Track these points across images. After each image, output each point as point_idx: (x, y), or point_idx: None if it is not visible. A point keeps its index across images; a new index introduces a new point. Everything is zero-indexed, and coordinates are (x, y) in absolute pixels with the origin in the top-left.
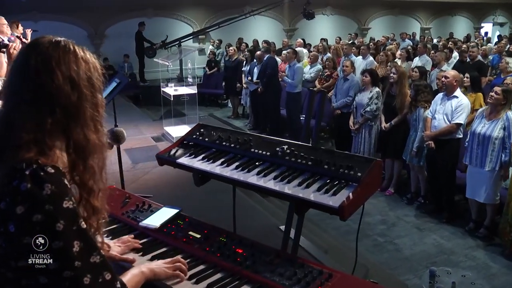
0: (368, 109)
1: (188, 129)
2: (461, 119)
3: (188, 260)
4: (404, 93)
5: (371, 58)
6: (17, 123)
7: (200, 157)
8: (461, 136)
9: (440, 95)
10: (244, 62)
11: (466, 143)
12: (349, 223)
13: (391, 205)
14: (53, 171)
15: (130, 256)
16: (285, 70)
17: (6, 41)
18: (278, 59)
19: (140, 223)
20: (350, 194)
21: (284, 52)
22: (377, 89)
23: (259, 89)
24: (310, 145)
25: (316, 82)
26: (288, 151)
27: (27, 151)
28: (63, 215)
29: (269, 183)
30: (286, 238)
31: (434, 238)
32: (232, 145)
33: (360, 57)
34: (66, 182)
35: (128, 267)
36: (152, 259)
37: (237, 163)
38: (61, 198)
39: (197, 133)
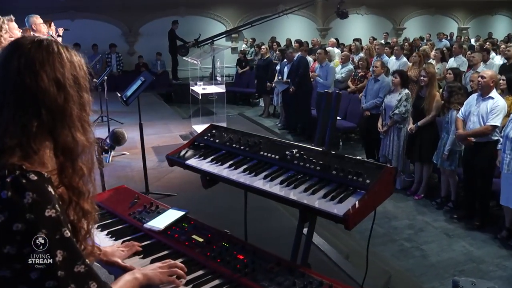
0: (396, 111)
1: None
2: (496, 121)
3: (188, 264)
4: (433, 95)
5: (404, 59)
6: (0, 127)
7: (209, 159)
8: (498, 138)
9: (474, 95)
10: (277, 61)
11: (500, 146)
12: (375, 227)
13: (420, 209)
14: (35, 178)
15: (132, 259)
16: (315, 70)
17: None
18: (310, 58)
19: (145, 225)
20: (357, 202)
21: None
22: (406, 90)
23: (290, 89)
24: (321, 149)
25: (350, 83)
26: (297, 155)
27: (10, 156)
28: (45, 224)
29: (274, 188)
30: (297, 245)
31: (463, 245)
32: (242, 147)
33: (393, 57)
34: (50, 189)
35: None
36: (152, 262)
37: (245, 166)
38: (43, 206)
39: (209, 134)
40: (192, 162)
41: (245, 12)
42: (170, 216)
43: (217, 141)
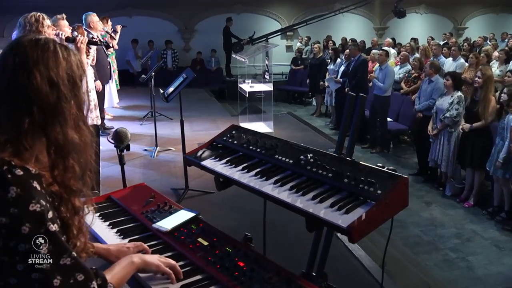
0: (447, 114)
1: (263, 126)
2: None
3: (188, 268)
4: (488, 99)
5: (462, 60)
6: None
7: (224, 160)
8: None
9: None
10: (329, 60)
11: None
12: (420, 234)
13: (469, 218)
14: (21, 173)
15: None
16: (374, 71)
17: (95, 37)
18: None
19: (153, 225)
20: (364, 214)
21: (374, 51)
22: (459, 93)
23: (346, 89)
24: (336, 155)
25: (403, 84)
26: (311, 160)
27: (1, 151)
28: (29, 218)
29: (282, 194)
30: (313, 253)
31: None
32: (258, 149)
33: (450, 58)
34: (35, 185)
35: None
36: None
37: (257, 170)
38: (27, 201)
39: (228, 135)
40: (207, 163)
41: (301, 10)
42: (180, 217)
43: (235, 142)
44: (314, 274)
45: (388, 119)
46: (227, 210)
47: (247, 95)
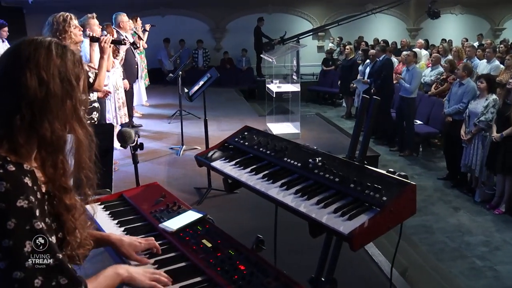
0: (482, 118)
1: (290, 127)
2: None
3: (188, 269)
4: None
5: (497, 62)
6: None
7: (233, 162)
8: None
9: None
10: (360, 61)
11: None
12: (446, 240)
13: (499, 225)
14: (13, 169)
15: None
16: (402, 72)
17: (124, 37)
18: (395, 59)
19: (160, 225)
20: (366, 221)
21: (404, 52)
22: (494, 96)
23: (372, 90)
24: (345, 159)
25: (432, 86)
26: (320, 164)
27: None
28: (15, 214)
29: (287, 197)
30: (323, 258)
31: None
32: (268, 151)
33: (485, 60)
34: (26, 181)
35: None
36: (155, 263)
37: (265, 172)
38: (15, 196)
39: (240, 136)
40: (217, 164)
41: (333, 10)
42: (187, 217)
43: (246, 143)
44: (323, 280)
45: (418, 121)
46: (248, 210)
47: (274, 96)
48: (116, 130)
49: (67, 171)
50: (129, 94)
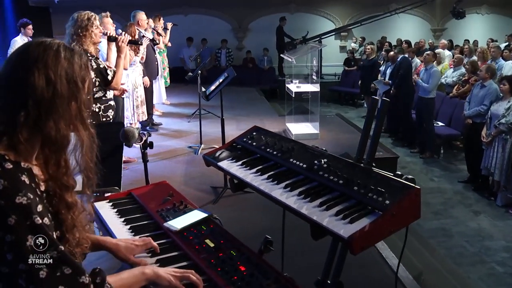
0: (503, 120)
1: (309, 127)
2: None
3: (189, 269)
4: None
5: None
6: None
7: (240, 162)
8: None
9: None
10: (381, 61)
11: None
12: (465, 245)
13: None
14: (11, 166)
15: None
16: (420, 72)
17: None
18: (417, 60)
19: (164, 224)
20: (367, 225)
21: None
22: None
23: (391, 91)
24: (351, 161)
25: (454, 88)
26: (325, 165)
27: None
28: (15, 210)
29: (290, 199)
30: (329, 261)
31: None
32: (275, 152)
33: (510, 61)
34: (23, 178)
35: None
36: (157, 262)
37: (270, 173)
38: (13, 193)
39: (248, 136)
40: (224, 164)
41: (356, 10)
42: (192, 217)
43: (253, 144)
44: (329, 282)
45: (440, 123)
46: (263, 210)
47: (293, 95)
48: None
49: (69, 169)
50: (149, 92)
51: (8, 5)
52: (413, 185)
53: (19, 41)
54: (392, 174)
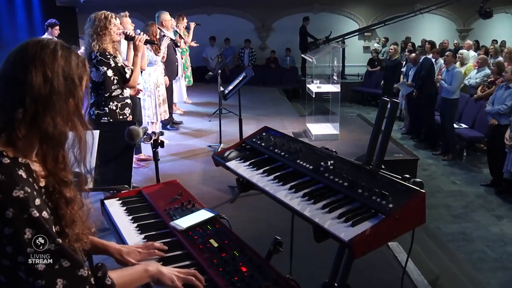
0: None
1: (329, 127)
2: None
3: (191, 268)
4: None
5: None
6: None
7: (248, 162)
8: None
9: None
10: (404, 62)
11: None
12: (486, 250)
13: None
14: (8, 161)
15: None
16: (442, 73)
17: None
18: (442, 60)
19: (171, 222)
20: (369, 229)
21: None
22: None
23: (413, 92)
24: (356, 163)
25: (478, 89)
26: (331, 167)
27: None
28: (12, 204)
29: (294, 200)
30: (337, 263)
31: None
32: (283, 153)
33: None
34: (20, 173)
35: None
36: (160, 260)
37: (277, 174)
38: (10, 187)
39: (258, 137)
40: (231, 164)
41: (380, 10)
42: (199, 216)
43: (262, 144)
44: (336, 285)
45: (463, 125)
46: (282, 210)
47: (314, 96)
48: (155, 127)
49: (67, 165)
50: (169, 91)
51: (36, 5)
52: (418, 188)
53: None
54: (399, 177)
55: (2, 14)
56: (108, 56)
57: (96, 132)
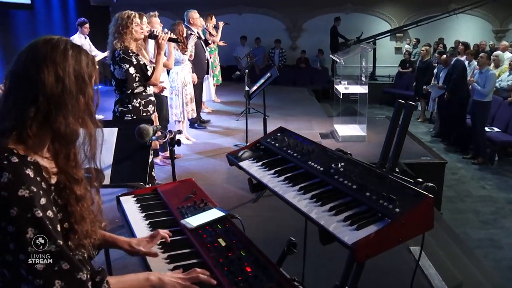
0: None
1: (356, 129)
2: None
3: (197, 267)
4: None
5: None
6: (4, 111)
7: (260, 163)
8: None
9: None
10: (435, 64)
11: None
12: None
13: None
14: (16, 160)
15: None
16: (474, 75)
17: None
18: (476, 63)
19: (181, 221)
20: (374, 233)
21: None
22: None
23: (445, 95)
24: (367, 165)
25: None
26: (341, 169)
27: (7, 138)
28: (17, 202)
29: (302, 202)
30: (349, 267)
31: None
32: (295, 154)
33: None
34: (28, 172)
35: None
36: (168, 257)
37: (287, 175)
38: (16, 186)
39: (272, 137)
40: (244, 164)
41: (413, 10)
42: (209, 215)
43: (276, 145)
44: None
45: (495, 129)
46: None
47: (341, 97)
48: (182, 126)
49: (78, 162)
50: (198, 89)
51: (72, 5)
52: (427, 193)
53: (77, 39)
54: (412, 181)
55: (39, 14)
56: (131, 54)
57: (115, 130)
